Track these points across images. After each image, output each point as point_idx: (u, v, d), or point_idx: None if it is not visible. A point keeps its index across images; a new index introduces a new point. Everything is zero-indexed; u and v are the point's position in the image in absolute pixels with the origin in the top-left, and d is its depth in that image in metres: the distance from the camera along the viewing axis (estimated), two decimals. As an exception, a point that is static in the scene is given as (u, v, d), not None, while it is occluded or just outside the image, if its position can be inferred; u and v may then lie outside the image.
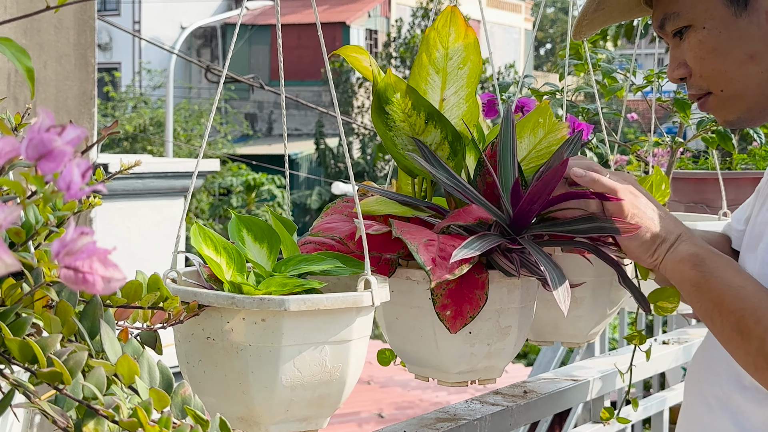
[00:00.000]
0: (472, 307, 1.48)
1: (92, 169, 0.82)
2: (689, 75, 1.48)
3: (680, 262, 1.43)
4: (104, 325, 0.94)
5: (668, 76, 1.54)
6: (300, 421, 1.29)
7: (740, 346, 1.34)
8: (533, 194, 1.47)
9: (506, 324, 1.53)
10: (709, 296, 1.38)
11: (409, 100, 1.54)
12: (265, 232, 1.40)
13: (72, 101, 3.18)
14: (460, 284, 1.48)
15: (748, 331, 1.31)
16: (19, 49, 0.90)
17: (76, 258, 0.74)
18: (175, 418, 0.90)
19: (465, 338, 1.52)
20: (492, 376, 1.60)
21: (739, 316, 1.33)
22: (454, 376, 1.57)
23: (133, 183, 5.82)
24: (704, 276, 1.39)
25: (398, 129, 1.57)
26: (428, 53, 1.59)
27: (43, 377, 0.85)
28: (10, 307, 0.89)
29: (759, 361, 1.31)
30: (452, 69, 1.60)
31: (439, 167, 1.54)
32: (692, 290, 1.41)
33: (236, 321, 1.22)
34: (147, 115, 24.85)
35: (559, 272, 1.43)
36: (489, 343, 1.53)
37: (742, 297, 1.34)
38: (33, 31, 3.03)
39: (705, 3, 1.43)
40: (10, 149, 0.75)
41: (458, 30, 1.59)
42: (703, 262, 1.40)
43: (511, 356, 1.58)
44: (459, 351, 1.53)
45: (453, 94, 1.61)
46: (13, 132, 1.11)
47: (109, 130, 1.17)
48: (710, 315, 1.38)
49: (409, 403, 8.27)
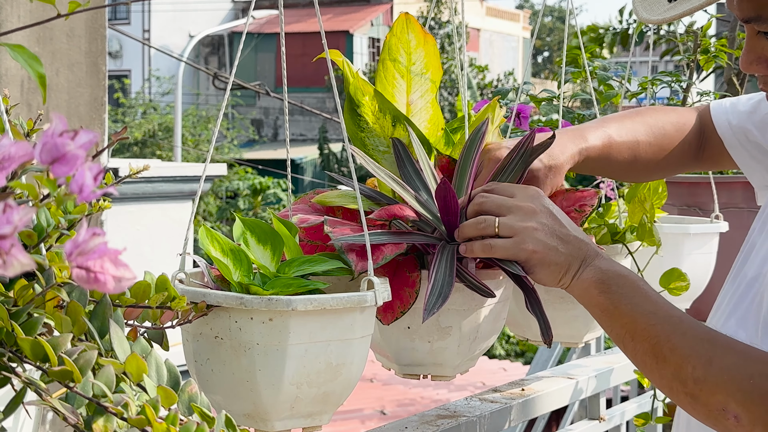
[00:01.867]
0: (402, 303, 1.47)
1: (103, 172, 0.81)
2: (767, 72, 1.44)
3: (587, 289, 1.37)
4: (113, 325, 0.94)
5: (742, 65, 1.46)
6: (305, 418, 1.29)
7: (654, 370, 1.31)
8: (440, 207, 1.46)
9: (446, 324, 1.51)
10: (620, 322, 1.34)
11: (376, 102, 1.55)
12: (268, 234, 1.40)
13: (83, 107, 3.18)
14: (392, 281, 1.45)
15: (663, 357, 1.29)
16: (32, 56, 0.90)
17: (88, 258, 0.74)
18: (182, 415, 0.90)
19: (404, 332, 1.52)
20: (442, 373, 1.57)
21: (653, 343, 1.30)
22: (403, 368, 1.57)
23: (142, 186, 5.83)
24: (612, 302, 1.35)
25: (370, 131, 1.57)
26: (392, 58, 1.59)
27: (54, 375, 0.84)
28: (23, 307, 0.89)
29: (674, 385, 1.28)
30: (416, 74, 1.60)
31: (409, 167, 1.54)
32: (602, 315, 1.37)
33: (244, 320, 1.22)
34: (156, 120, 24.87)
35: (446, 281, 1.39)
36: (429, 340, 1.52)
37: (654, 324, 1.31)
38: (46, 39, 3.03)
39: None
40: (23, 154, 0.75)
41: (417, 36, 1.59)
42: (609, 288, 1.35)
43: (460, 356, 1.55)
44: (401, 344, 1.53)
45: (419, 98, 1.61)
46: (26, 137, 1.11)
47: (119, 136, 1.17)
48: (622, 339, 1.35)
49: (410, 400, 8.26)
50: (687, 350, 1.27)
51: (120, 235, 5.52)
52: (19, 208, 0.70)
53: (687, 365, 1.26)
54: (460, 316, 1.52)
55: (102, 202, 1.10)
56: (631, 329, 1.33)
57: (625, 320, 1.34)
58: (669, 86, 2.58)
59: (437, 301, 1.37)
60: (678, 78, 2.59)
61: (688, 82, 2.67)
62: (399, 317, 1.47)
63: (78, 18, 3.11)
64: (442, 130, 1.65)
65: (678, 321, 1.31)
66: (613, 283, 1.36)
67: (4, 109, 1.08)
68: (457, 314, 1.52)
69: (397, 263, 1.48)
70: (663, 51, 4.06)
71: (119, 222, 5.59)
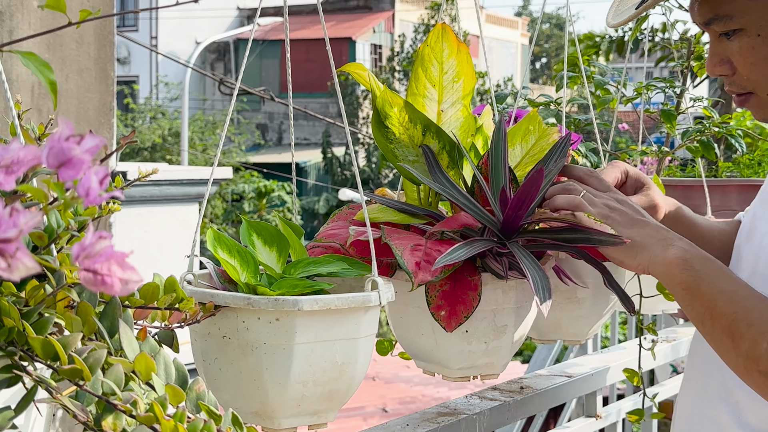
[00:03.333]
0: (466, 308, 1.47)
1: (111, 176, 0.81)
2: (732, 73, 1.46)
3: (669, 266, 1.39)
4: (123, 325, 0.94)
5: (707, 70, 1.50)
6: (310, 415, 1.29)
7: (730, 348, 1.31)
8: (517, 200, 1.47)
9: (502, 323, 1.52)
10: (700, 300, 1.35)
11: (405, 113, 1.54)
12: (274, 236, 1.40)
13: (92, 112, 3.18)
14: (454, 286, 1.47)
15: (740, 334, 1.29)
16: (43, 62, 0.90)
17: (94, 261, 0.74)
18: (189, 413, 0.89)
19: (462, 336, 1.52)
20: (492, 372, 1.59)
21: (731, 319, 1.30)
22: (455, 372, 1.57)
23: (150, 190, 5.83)
24: (695, 279, 1.36)
25: (398, 141, 1.57)
26: (424, 68, 1.59)
27: (64, 374, 0.84)
28: (34, 307, 0.89)
29: (748, 364, 1.29)
30: (447, 83, 1.59)
31: (440, 174, 1.54)
32: (683, 293, 1.38)
33: (252, 320, 1.22)
34: (165, 125, 24.88)
35: (542, 275, 1.42)
36: (486, 341, 1.53)
37: (734, 301, 1.31)
38: (56, 46, 3.03)
39: (761, 11, 1.39)
40: (32, 157, 0.75)
41: (451, 46, 1.59)
42: (692, 266, 1.37)
43: (510, 353, 1.58)
44: (457, 348, 1.53)
45: (450, 106, 1.61)
46: (37, 141, 1.11)
47: (127, 140, 1.16)
48: (701, 318, 1.36)
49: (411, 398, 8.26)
50: (764, 326, 1.27)
51: (128, 236, 5.52)
52: (25, 211, 0.69)
53: (762, 341, 1.26)
54: (514, 314, 1.54)
55: (110, 204, 1.10)
56: (711, 307, 1.33)
57: (705, 298, 1.34)
58: (663, 92, 2.58)
59: (546, 294, 1.40)
60: (672, 84, 2.59)
61: (681, 88, 2.66)
62: (463, 322, 1.48)
63: (87, 25, 3.11)
64: (472, 136, 1.65)
65: (757, 300, 1.31)
66: (696, 262, 1.37)
67: (16, 114, 1.08)
68: (512, 312, 1.54)
69: (456, 269, 1.48)
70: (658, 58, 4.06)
71: (128, 224, 5.59)
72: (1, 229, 0.69)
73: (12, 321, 0.85)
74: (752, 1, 1.39)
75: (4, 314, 0.86)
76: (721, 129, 2.51)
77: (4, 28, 2.85)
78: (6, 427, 0.81)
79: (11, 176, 0.75)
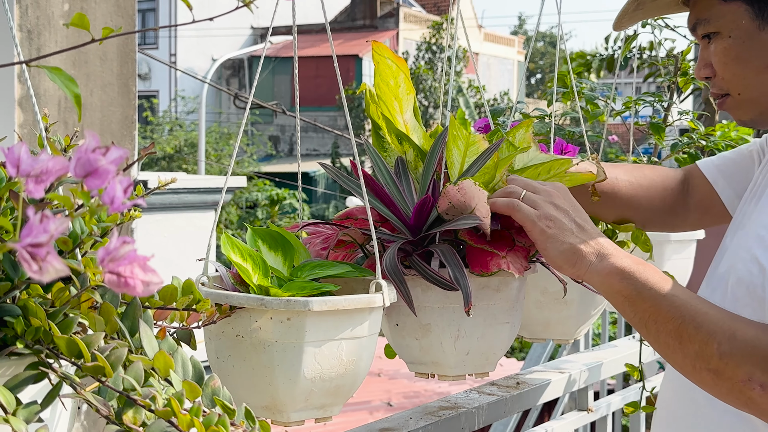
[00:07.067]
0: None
1: (133, 185, 0.81)
2: (713, 75, 1.47)
3: (607, 276, 1.36)
4: (143, 324, 0.94)
5: (695, 74, 1.51)
6: (318, 409, 1.29)
7: (677, 350, 1.29)
8: (419, 203, 1.46)
9: (426, 321, 1.48)
10: (643, 307, 1.32)
11: (384, 123, 1.55)
12: (278, 241, 1.40)
13: (115, 125, 3.18)
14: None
15: (688, 336, 1.27)
16: (69, 78, 0.90)
17: (118, 264, 0.74)
18: (205, 407, 0.89)
19: (394, 329, 1.51)
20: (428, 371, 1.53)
21: (678, 323, 1.28)
22: (410, 366, 1.55)
23: (169, 197, 5.83)
24: (635, 288, 1.33)
25: (392, 150, 1.58)
26: (385, 82, 1.57)
27: (87, 371, 0.84)
28: (59, 308, 0.89)
29: (697, 363, 1.27)
30: (402, 96, 1.59)
31: (404, 181, 1.54)
32: (623, 301, 1.35)
33: (264, 320, 1.23)
34: (182, 137, 24.89)
35: (460, 271, 1.38)
36: (416, 337, 1.49)
37: (677, 305, 1.30)
38: (81, 62, 3.03)
39: (733, 14, 1.41)
40: (60, 167, 0.75)
41: (394, 60, 1.57)
42: (631, 274, 1.34)
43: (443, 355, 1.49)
44: (393, 342, 1.54)
45: (410, 117, 1.60)
46: (63, 152, 1.11)
47: (147, 151, 1.17)
48: (644, 323, 1.33)
49: (415, 392, 8.25)
50: (712, 326, 1.26)
51: (148, 241, 5.52)
52: (54, 218, 0.70)
53: (712, 342, 1.25)
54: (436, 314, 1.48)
55: (132, 211, 1.10)
56: (654, 313, 1.31)
57: (647, 305, 1.32)
58: (651, 105, 2.58)
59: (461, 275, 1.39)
60: (660, 98, 2.59)
61: (669, 102, 2.66)
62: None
63: (110, 43, 3.11)
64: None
65: (699, 302, 1.30)
66: (634, 270, 1.35)
67: (43, 127, 1.08)
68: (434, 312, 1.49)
69: None
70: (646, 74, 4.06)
71: (148, 230, 5.59)
72: (33, 234, 0.69)
73: (39, 321, 0.86)
74: (725, 6, 1.42)
75: (31, 314, 0.86)
76: (708, 142, 2.50)
77: (33, 45, 2.85)
78: (33, 421, 0.81)
79: (40, 185, 0.75)
